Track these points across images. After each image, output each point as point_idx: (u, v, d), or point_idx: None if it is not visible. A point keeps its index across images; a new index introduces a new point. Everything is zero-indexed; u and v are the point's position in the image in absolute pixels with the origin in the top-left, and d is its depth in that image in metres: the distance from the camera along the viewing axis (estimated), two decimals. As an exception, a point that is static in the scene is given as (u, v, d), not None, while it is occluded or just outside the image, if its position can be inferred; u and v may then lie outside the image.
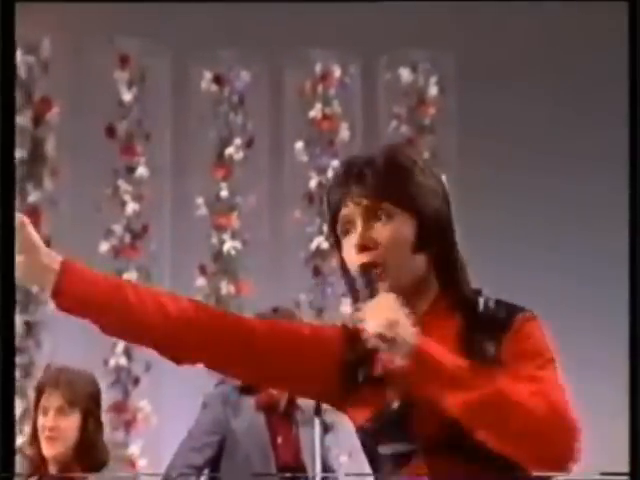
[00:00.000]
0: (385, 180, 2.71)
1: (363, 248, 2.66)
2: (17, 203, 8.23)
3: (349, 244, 2.69)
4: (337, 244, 2.74)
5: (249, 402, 5.71)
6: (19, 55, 8.21)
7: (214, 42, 8.45)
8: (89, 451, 4.80)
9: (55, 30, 8.27)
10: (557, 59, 8.75)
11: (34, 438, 4.82)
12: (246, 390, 5.69)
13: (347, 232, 2.69)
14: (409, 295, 2.66)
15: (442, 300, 2.76)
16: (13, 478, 4.60)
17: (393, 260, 2.67)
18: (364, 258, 2.65)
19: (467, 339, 2.71)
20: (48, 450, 4.74)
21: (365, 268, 2.65)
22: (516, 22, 8.58)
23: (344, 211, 2.69)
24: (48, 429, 4.75)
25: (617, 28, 5.60)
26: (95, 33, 8.20)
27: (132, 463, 7.93)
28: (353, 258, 2.66)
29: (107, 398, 7.33)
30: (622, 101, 8.71)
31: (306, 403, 5.56)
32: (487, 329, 2.71)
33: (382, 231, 2.68)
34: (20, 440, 8.03)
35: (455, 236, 2.80)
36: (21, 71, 8.27)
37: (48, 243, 7.81)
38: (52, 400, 4.76)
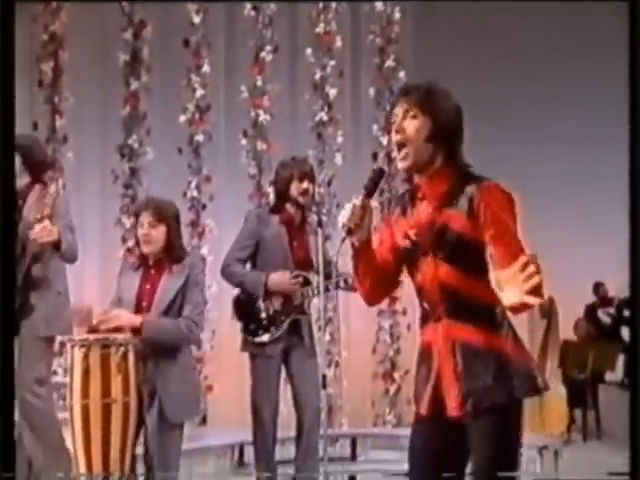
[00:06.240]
0: (418, 96, 3.11)
1: (398, 132, 3.12)
2: (123, 91, 8.49)
3: (393, 129, 3.14)
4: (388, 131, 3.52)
5: (275, 218, 5.86)
6: (125, -7, 8.48)
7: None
8: (172, 250, 5.04)
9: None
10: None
11: (137, 244, 5.12)
12: (274, 210, 5.91)
13: (393, 124, 3.14)
14: (421, 166, 3.10)
15: (443, 169, 3.11)
16: (15, 478, 4.67)
17: (412, 142, 3.09)
18: (398, 137, 3.11)
19: (452, 192, 3.08)
20: (145, 249, 5.04)
21: (397, 145, 3.10)
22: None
23: (395, 110, 3.15)
24: (144, 236, 5.01)
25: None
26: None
27: (203, 259, 7.88)
28: (393, 138, 3.14)
29: (186, 217, 8.11)
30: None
31: (311, 219, 5.85)
32: (465, 189, 3.05)
33: (409, 124, 3.11)
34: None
35: (460, 141, 3.14)
36: (126, 4, 8.47)
37: (144, 117, 8.34)
38: (145, 217, 5.02)
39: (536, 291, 2.74)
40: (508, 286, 2.79)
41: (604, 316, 10.92)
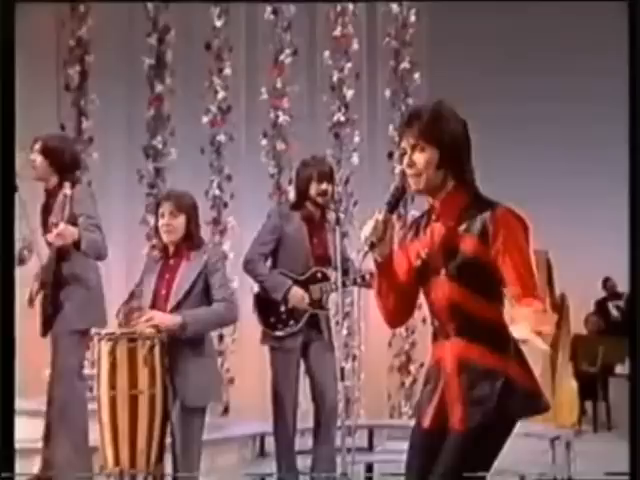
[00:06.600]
0: (422, 128, 3.11)
1: (410, 166, 3.13)
2: (148, 94, 8.54)
3: (404, 162, 3.15)
4: (401, 158, 3.17)
5: (296, 215, 5.88)
6: (150, 0, 8.59)
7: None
8: (191, 239, 5.03)
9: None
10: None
11: (157, 233, 5.10)
12: (294, 207, 5.94)
13: (403, 155, 3.14)
14: (434, 188, 3.13)
15: (456, 191, 3.13)
16: (14, 478, 4.65)
17: (423, 173, 3.11)
18: (410, 171, 3.13)
19: (465, 214, 3.10)
20: (166, 238, 5.03)
21: (411, 177, 3.12)
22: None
23: (402, 144, 3.16)
24: (165, 225, 5.00)
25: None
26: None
27: (225, 256, 7.59)
28: (405, 170, 3.15)
29: (208, 215, 8.31)
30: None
31: (330, 217, 5.84)
32: (478, 212, 3.07)
33: (419, 157, 3.12)
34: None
35: (469, 157, 3.14)
36: (151, 9, 8.53)
37: (168, 118, 8.35)
38: (165, 207, 5.02)
39: (544, 337, 2.77)
40: (520, 322, 2.81)
41: (614, 310, 10.95)
